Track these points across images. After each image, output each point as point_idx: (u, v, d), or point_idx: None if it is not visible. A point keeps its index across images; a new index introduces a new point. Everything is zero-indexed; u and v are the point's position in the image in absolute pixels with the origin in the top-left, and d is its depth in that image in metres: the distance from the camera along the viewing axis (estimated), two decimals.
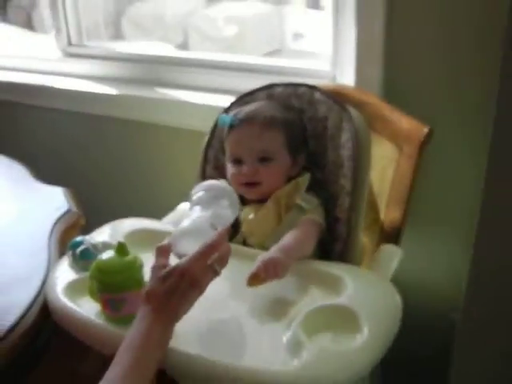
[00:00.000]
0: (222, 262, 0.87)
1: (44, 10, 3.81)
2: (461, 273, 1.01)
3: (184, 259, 0.86)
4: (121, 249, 0.92)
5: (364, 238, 1.18)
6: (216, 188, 1.04)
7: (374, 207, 1.20)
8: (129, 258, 0.92)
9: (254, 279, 0.94)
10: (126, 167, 1.72)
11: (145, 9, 3.59)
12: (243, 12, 3.55)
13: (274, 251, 0.96)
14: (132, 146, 1.69)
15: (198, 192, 1.03)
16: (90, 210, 1.31)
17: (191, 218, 0.98)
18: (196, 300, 0.86)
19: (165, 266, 0.86)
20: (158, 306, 0.83)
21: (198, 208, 1.00)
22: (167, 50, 2.15)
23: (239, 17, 3.47)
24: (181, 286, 0.83)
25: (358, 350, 0.86)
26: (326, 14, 1.38)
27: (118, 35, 2.91)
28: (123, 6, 3.29)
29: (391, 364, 1.04)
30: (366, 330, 0.88)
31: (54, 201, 1.30)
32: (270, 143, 1.08)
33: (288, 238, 1.01)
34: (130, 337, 0.80)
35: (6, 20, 3.50)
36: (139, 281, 0.92)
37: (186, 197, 1.10)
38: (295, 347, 0.86)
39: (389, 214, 1.18)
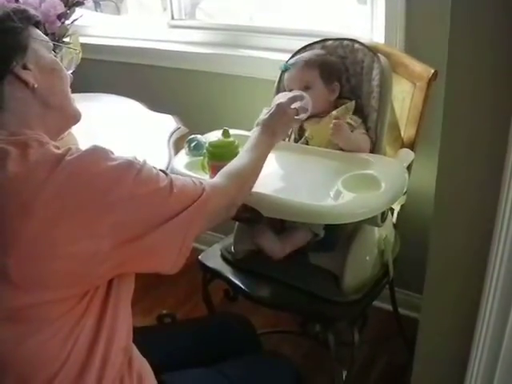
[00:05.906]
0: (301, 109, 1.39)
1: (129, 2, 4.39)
2: None
3: (280, 101, 1.35)
4: (225, 133, 1.37)
5: (389, 150, 1.59)
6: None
7: (396, 127, 1.59)
8: (230, 139, 1.37)
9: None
10: (211, 108, 2.13)
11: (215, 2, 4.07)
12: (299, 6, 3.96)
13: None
14: (215, 92, 2.11)
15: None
16: None
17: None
18: (287, 129, 1.38)
19: None
20: (267, 128, 1.30)
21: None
22: (242, 21, 2.43)
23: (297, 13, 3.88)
24: (278, 112, 1.32)
25: (376, 197, 1.28)
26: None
27: None
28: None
29: None
30: (383, 188, 1.29)
31: (167, 122, 1.75)
32: (308, 77, 1.52)
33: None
34: (248, 146, 1.26)
35: (98, 10, 4.13)
36: (236, 154, 1.31)
37: None
38: (336, 196, 1.29)
39: (407, 131, 1.56)
